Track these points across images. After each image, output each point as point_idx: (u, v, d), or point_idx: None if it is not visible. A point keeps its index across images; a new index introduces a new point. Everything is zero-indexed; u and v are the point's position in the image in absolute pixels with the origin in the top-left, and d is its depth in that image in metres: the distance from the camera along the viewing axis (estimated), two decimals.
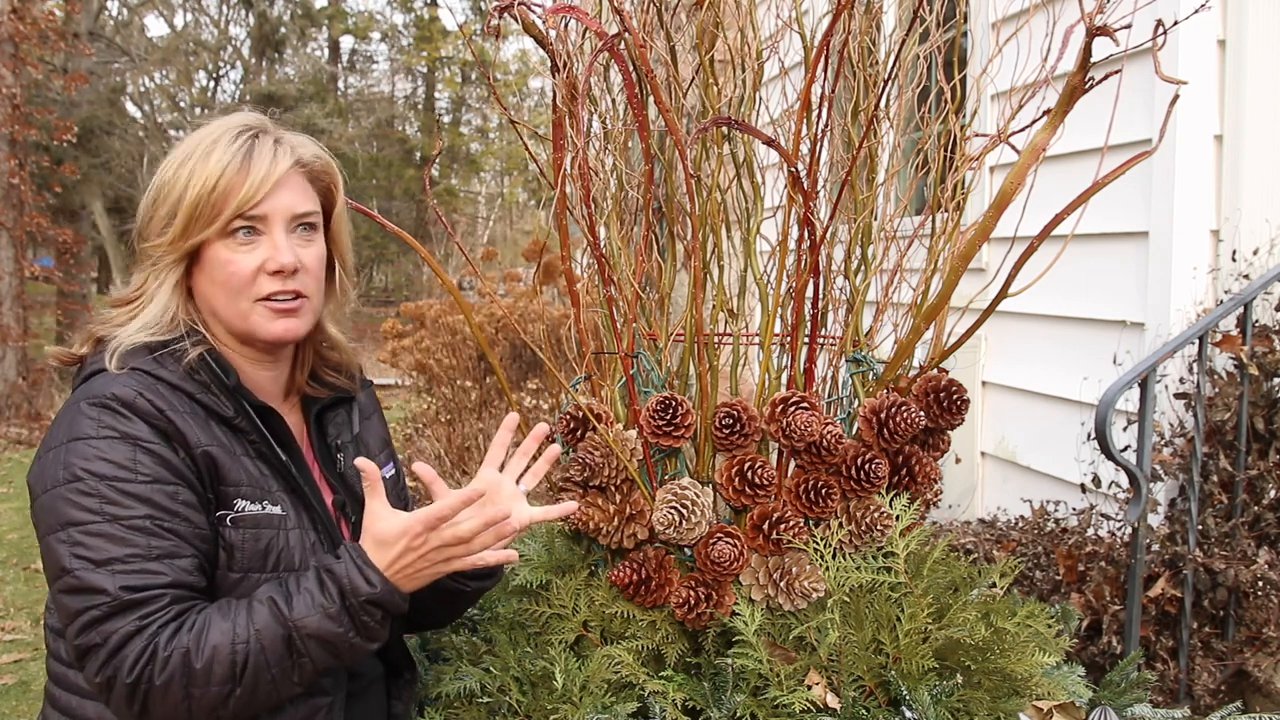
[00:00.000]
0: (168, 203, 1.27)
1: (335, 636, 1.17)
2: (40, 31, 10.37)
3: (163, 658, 1.11)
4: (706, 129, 1.44)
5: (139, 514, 1.14)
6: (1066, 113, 1.30)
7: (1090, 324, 3.15)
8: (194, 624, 1.14)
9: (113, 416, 1.17)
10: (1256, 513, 2.51)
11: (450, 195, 23.08)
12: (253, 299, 1.28)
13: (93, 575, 1.12)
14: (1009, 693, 1.41)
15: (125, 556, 1.13)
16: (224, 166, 1.25)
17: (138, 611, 1.12)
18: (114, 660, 1.11)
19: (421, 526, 1.19)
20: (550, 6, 1.41)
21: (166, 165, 1.30)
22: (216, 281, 1.28)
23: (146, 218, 1.30)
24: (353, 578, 1.18)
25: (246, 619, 1.16)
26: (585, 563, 1.56)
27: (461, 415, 6.06)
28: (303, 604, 1.17)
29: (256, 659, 1.14)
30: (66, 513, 1.14)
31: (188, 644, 1.12)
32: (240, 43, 24.21)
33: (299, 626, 1.16)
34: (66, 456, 1.16)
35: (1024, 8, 2.96)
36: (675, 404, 1.46)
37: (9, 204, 9.90)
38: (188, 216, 1.25)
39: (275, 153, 1.29)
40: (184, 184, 1.26)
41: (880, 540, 1.47)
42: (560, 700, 1.37)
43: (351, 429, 1.46)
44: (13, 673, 3.86)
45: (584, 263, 1.76)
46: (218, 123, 1.32)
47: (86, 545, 1.13)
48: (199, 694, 1.12)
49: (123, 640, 1.11)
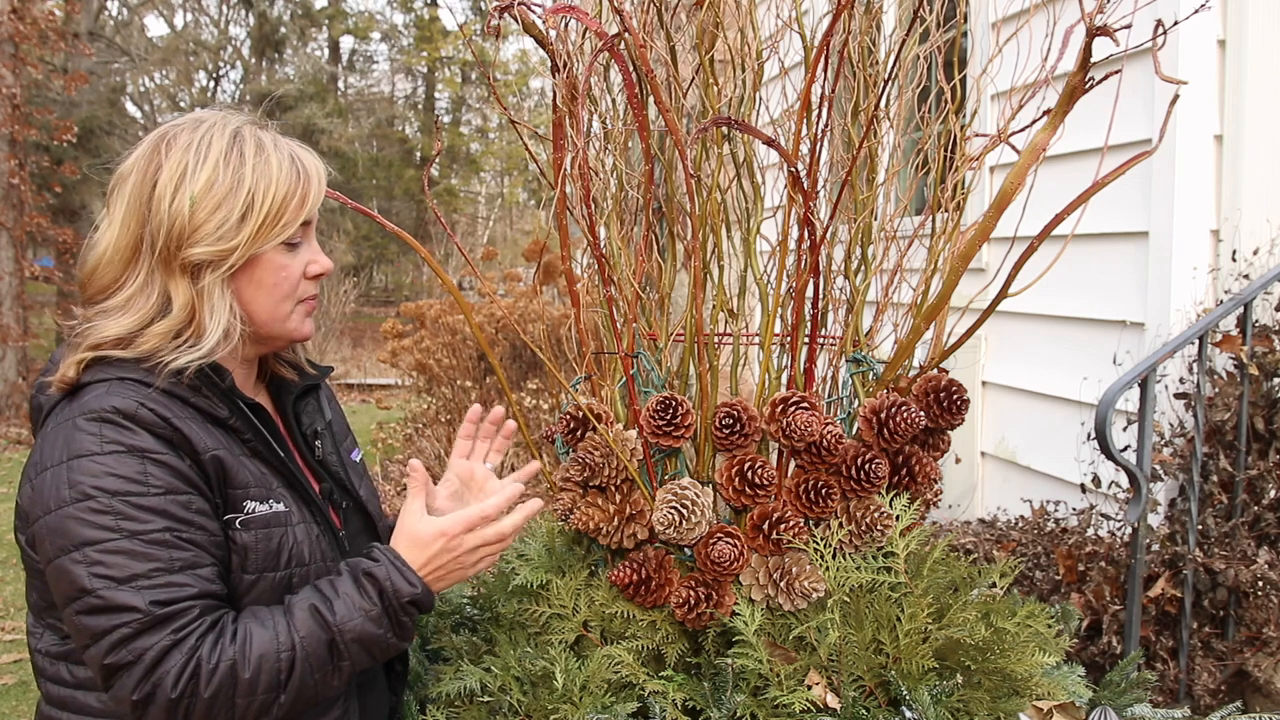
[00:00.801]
0: (231, 207, 1.21)
1: (376, 638, 1.20)
2: (40, 31, 10.37)
3: (208, 670, 1.10)
4: (706, 129, 1.44)
5: (156, 527, 1.12)
6: (1066, 113, 1.30)
7: (1090, 324, 3.15)
8: (236, 634, 1.14)
9: (115, 430, 1.14)
10: (1256, 513, 2.51)
11: (450, 195, 23.09)
12: (295, 301, 1.30)
13: (118, 593, 1.09)
14: (1009, 693, 1.41)
15: (149, 571, 1.11)
16: (286, 171, 1.25)
17: (170, 625, 1.10)
18: (152, 676, 1.09)
19: (462, 527, 1.26)
20: (550, 6, 1.41)
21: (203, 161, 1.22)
22: (264, 286, 1.27)
23: (192, 223, 1.20)
24: (394, 580, 1.22)
25: (288, 626, 1.16)
26: (585, 563, 1.56)
27: (461, 415, 6.06)
28: (344, 608, 1.19)
29: (302, 665, 1.15)
30: (80, 532, 1.11)
31: (233, 655, 1.12)
32: (240, 43, 24.22)
33: (342, 630, 1.18)
34: (71, 475, 1.12)
35: (1024, 8, 2.96)
36: (675, 404, 1.46)
37: (9, 204, 9.90)
38: (261, 223, 1.22)
39: (316, 159, 1.31)
40: (251, 186, 1.22)
41: (880, 540, 1.47)
42: (560, 700, 1.37)
43: (324, 416, 1.47)
44: (13, 673, 3.86)
45: (584, 263, 1.76)
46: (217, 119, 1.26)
47: (106, 564, 1.10)
48: (244, 704, 1.12)
49: (160, 655, 1.09)
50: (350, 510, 1.44)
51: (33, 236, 10.52)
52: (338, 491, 1.43)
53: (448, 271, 5.71)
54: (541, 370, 6.02)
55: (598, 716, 1.34)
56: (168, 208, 1.21)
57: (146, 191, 1.22)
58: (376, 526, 1.47)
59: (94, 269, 1.25)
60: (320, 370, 1.49)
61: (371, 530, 1.47)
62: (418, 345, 6.44)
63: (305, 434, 1.43)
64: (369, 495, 1.48)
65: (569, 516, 1.51)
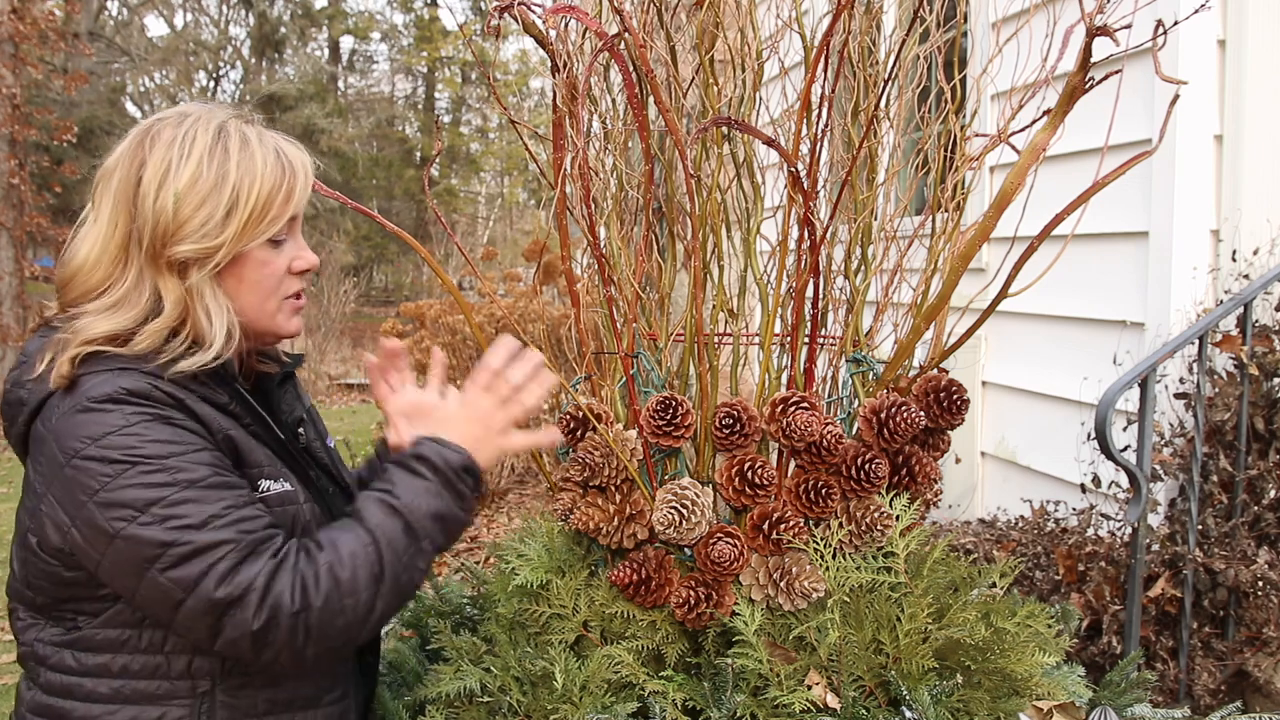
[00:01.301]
0: (215, 203, 1.19)
1: (444, 510, 1.24)
2: (40, 31, 10.37)
3: (312, 579, 1.13)
4: (706, 129, 1.44)
5: (209, 474, 1.14)
6: (1066, 113, 1.30)
7: (1090, 324, 3.15)
8: (321, 544, 1.17)
9: (134, 406, 1.14)
10: (1256, 513, 2.51)
11: (450, 195, 23.10)
12: (281, 298, 1.29)
13: (202, 535, 1.09)
14: (1009, 693, 1.41)
15: (222, 510, 1.12)
16: (270, 166, 1.23)
17: (267, 549, 1.12)
18: (269, 599, 1.10)
19: (477, 389, 1.32)
20: (550, 6, 1.41)
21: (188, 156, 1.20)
22: (249, 282, 1.25)
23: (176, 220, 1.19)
24: (441, 453, 1.26)
25: (362, 524, 1.19)
26: (585, 563, 1.56)
27: None
28: (405, 491, 1.22)
29: (388, 551, 1.18)
30: (138, 496, 1.10)
31: (329, 559, 1.14)
32: (240, 43, 24.23)
33: (412, 510, 1.21)
34: (104, 453, 1.11)
35: (1024, 8, 2.96)
36: (675, 404, 1.46)
37: (9, 204, 9.90)
38: (247, 220, 1.20)
39: (300, 151, 1.29)
40: (235, 182, 1.20)
41: (880, 540, 1.47)
42: (560, 700, 1.37)
43: (304, 403, 1.47)
44: (12, 673, 3.86)
45: (584, 263, 1.76)
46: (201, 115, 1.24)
47: (179, 515, 1.10)
48: (352, 602, 1.14)
49: (269, 577, 1.10)
50: (335, 495, 1.45)
51: (33, 236, 10.53)
52: (323, 477, 1.44)
53: (448, 271, 5.71)
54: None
55: (598, 716, 1.34)
56: (152, 204, 1.19)
57: (131, 188, 1.20)
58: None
59: (79, 268, 1.21)
60: (292, 359, 1.49)
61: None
62: (418, 345, 6.44)
63: (288, 422, 1.43)
64: (351, 481, 1.50)
65: (569, 516, 1.51)
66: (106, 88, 18.75)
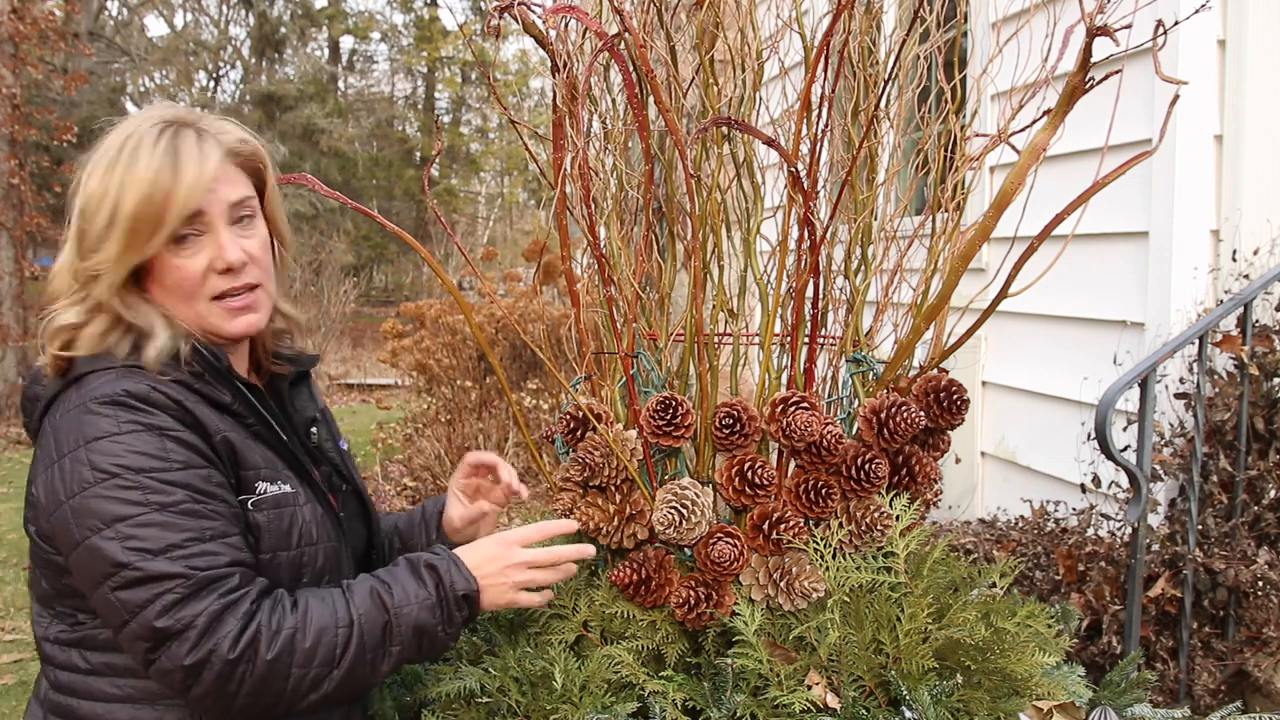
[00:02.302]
0: (101, 217, 1.20)
1: (428, 628, 1.23)
2: (40, 31, 10.37)
3: (269, 634, 1.12)
4: (706, 129, 1.44)
5: (183, 498, 1.13)
6: (1066, 113, 1.30)
7: (1090, 324, 3.15)
8: (295, 604, 1.16)
9: (131, 411, 1.15)
10: (1256, 513, 2.51)
11: (450, 195, 23.10)
12: (207, 298, 1.26)
13: (155, 563, 1.10)
14: (1009, 693, 1.41)
15: (182, 541, 1.12)
16: (155, 172, 1.19)
17: (216, 590, 1.11)
18: (208, 640, 1.09)
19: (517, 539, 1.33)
20: (550, 6, 1.41)
21: (90, 173, 1.22)
22: (168, 288, 1.25)
23: (82, 231, 1.22)
24: (452, 573, 1.26)
25: (348, 604, 1.19)
26: (585, 563, 1.56)
27: (461, 415, 6.07)
28: (401, 593, 1.22)
29: (357, 643, 1.17)
30: (109, 509, 1.11)
31: (295, 623, 1.14)
32: (240, 43, 24.22)
33: (399, 614, 1.21)
34: (91, 457, 1.13)
35: (1024, 8, 2.96)
36: (675, 404, 1.46)
37: (9, 204, 9.90)
38: (129, 231, 1.19)
39: (202, 149, 1.23)
40: (115, 196, 1.19)
41: (880, 540, 1.47)
42: (560, 700, 1.37)
43: (317, 403, 1.48)
44: (13, 672, 3.86)
45: (584, 263, 1.76)
46: (133, 120, 1.25)
47: (140, 537, 1.10)
48: (299, 674, 1.13)
49: (213, 619, 1.10)
50: (347, 494, 1.46)
51: (33, 236, 10.52)
52: (335, 476, 1.45)
53: (448, 271, 5.72)
54: (541, 370, 6.02)
55: (598, 716, 1.34)
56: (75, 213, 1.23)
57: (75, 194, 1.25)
58: (370, 512, 1.50)
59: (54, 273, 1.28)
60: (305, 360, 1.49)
61: (366, 515, 1.50)
62: (418, 345, 6.44)
63: (300, 422, 1.44)
64: (361, 484, 1.52)
65: (569, 516, 1.51)
66: (106, 88, 18.74)
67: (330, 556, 1.33)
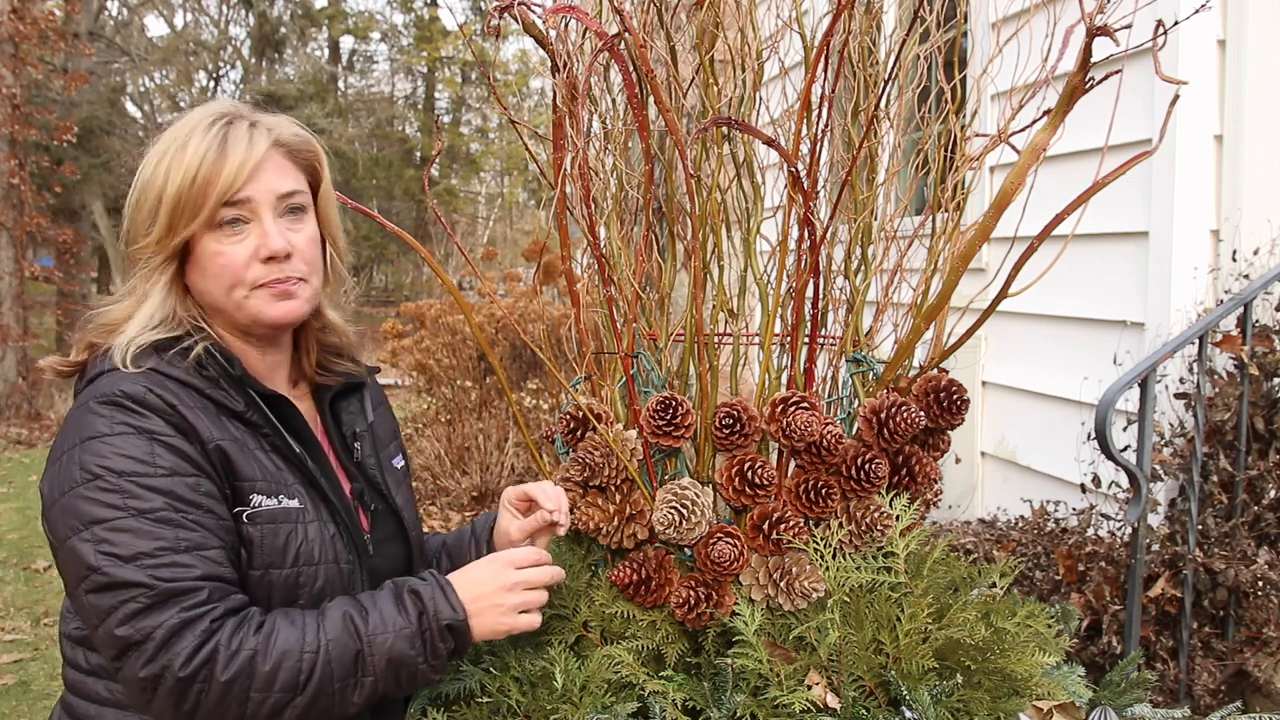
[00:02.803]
0: (149, 202, 1.23)
1: (407, 659, 1.18)
2: (40, 31, 10.37)
3: (227, 654, 1.09)
4: (706, 129, 1.44)
5: (161, 505, 1.12)
6: (1066, 113, 1.30)
7: (1090, 324, 3.15)
8: (261, 626, 1.13)
9: (125, 413, 1.15)
10: (1256, 513, 2.51)
11: (450, 195, 23.10)
12: (250, 286, 1.26)
13: (121, 570, 1.09)
14: (1009, 693, 1.41)
15: (154, 550, 1.10)
16: (201, 156, 1.21)
17: (179, 604, 1.09)
18: (164, 655, 1.08)
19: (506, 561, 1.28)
20: (550, 6, 1.41)
21: (145, 164, 1.26)
22: (209, 275, 1.25)
23: (131, 220, 1.27)
24: (437, 600, 1.21)
25: (317, 628, 1.15)
26: (585, 563, 1.56)
27: (461, 415, 6.07)
28: (378, 620, 1.18)
29: (323, 670, 1.13)
30: (88, 511, 1.11)
31: (255, 645, 1.11)
32: (240, 43, 24.23)
33: (372, 643, 1.16)
34: (81, 456, 1.13)
35: (1024, 8, 2.96)
36: (675, 404, 1.46)
37: (9, 204, 9.90)
38: (171, 212, 1.22)
39: (251, 135, 1.25)
40: (163, 180, 1.22)
41: (880, 540, 1.47)
42: (560, 700, 1.37)
43: (365, 417, 1.45)
44: (13, 672, 3.86)
45: (584, 263, 1.76)
46: (192, 114, 1.28)
47: (112, 542, 1.10)
48: (258, 699, 1.10)
49: (171, 633, 1.08)
50: (381, 514, 1.41)
51: (33, 236, 10.53)
52: (370, 494, 1.40)
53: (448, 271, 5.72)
54: (541, 370, 6.02)
55: (598, 716, 1.34)
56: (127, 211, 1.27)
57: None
58: (409, 534, 1.45)
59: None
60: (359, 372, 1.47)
61: (403, 537, 1.44)
62: (418, 345, 6.44)
63: (344, 434, 1.41)
64: (405, 502, 1.45)
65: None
66: (106, 88, 18.74)
67: (334, 579, 1.27)
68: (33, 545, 5.67)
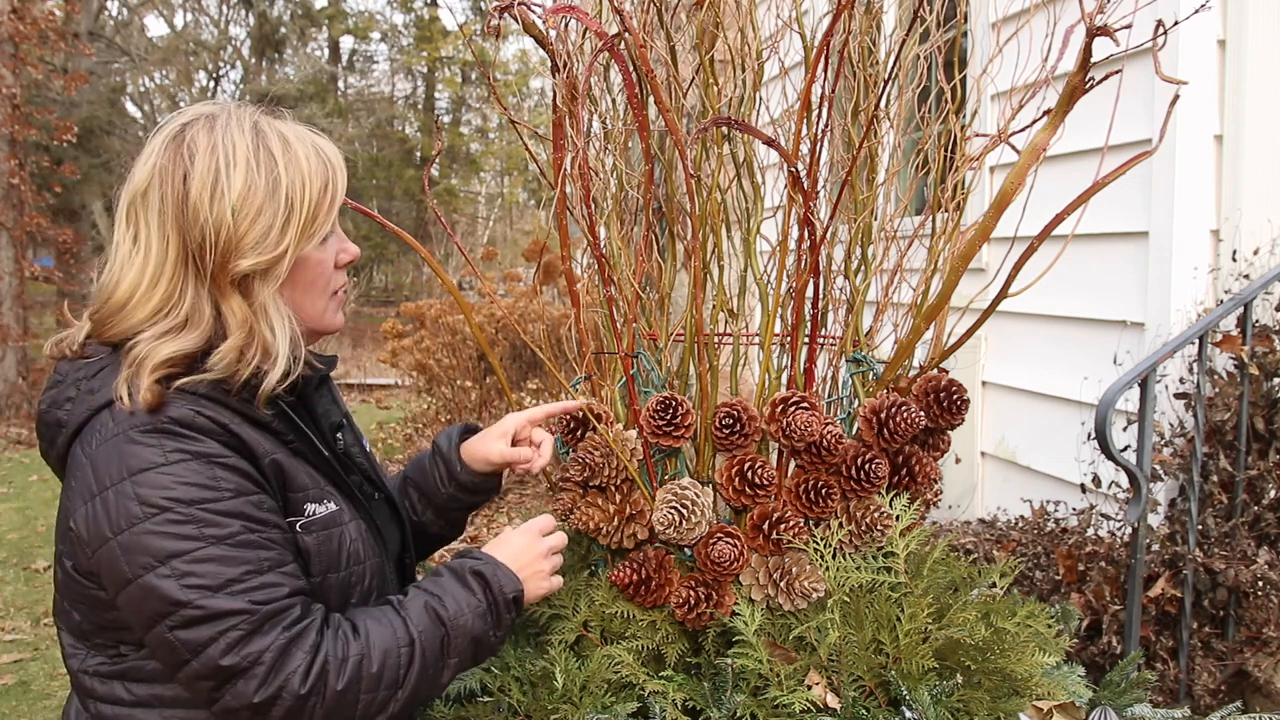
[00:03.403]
0: (271, 212, 1.14)
1: (483, 634, 1.23)
2: (40, 31, 10.37)
3: (337, 663, 1.10)
4: (706, 129, 1.44)
5: (238, 529, 1.09)
6: (1066, 113, 1.30)
7: (1090, 324, 3.15)
8: (354, 630, 1.14)
9: (175, 439, 1.10)
10: (1256, 513, 2.51)
11: (450, 195, 23.10)
12: (329, 295, 1.25)
13: (215, 600, 1.06)
14: (1009, 693, 1.41)
15: (241, 575, 1.08)
16: (325, 161, 1.19)
17: (280, 624, 1.08)
18: (277, 676, 1.06)
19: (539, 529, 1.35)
20: (550, 6, 1.41)
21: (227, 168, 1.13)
22: (304, 285, 1.21)
23: (236, 233, 1.12)
24: (500, 577, 1.26)
25: (404, 622, 1.18)
26: (585, 563, 1.56)
27: (461, 415, 6.07)
28: (454, 604, 1.22)
29: (420, 660, 1.16)
30: (161, 546, 1.06)
31: (360, 648, 1.12)
32: (240, 43, 24.23)
33: (455, 625, 1.20)
34: (139, 490, 1.07)
35: (1024, 8, 2.96)
36: (675, 404, 1.46)
37: (9, 204, 9.90)
38: (305, 222, 1.16)
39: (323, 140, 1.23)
40: (286, 188, 1.14)
41: (880, 540, 1.47)
42: (560, 700, 1.37)
43: (340, 407, 1.42)
44: (13, 672, 3.86)
45: (584, 263, 1.76)
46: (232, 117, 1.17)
47: (198, 573, 1.06)
48: (369, 699, 1.12)
49: (280, 653, 1.07)
50: (379, 502, 1.42)
51: (33, 236, 10.52)
52: (365, 483, 1.40)
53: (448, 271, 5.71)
54: (541, 370, 6.02)
55: (598, 716, 1.34)
56: (208, 219, 1.12)
57: (178, 204, 1.13)
58: (401, 516, 1.46)
59: (129, 298, 1.14)
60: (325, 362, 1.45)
61: (398, 520, 1.45)
62: (418, 345, 6.44)
63: (327, 427, 1.39)
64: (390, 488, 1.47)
65: (569, 516, 1.51)
66: (106, 88, 18.75)
67: (375, 573, 1.29)
68: (33, 545, 5.67)
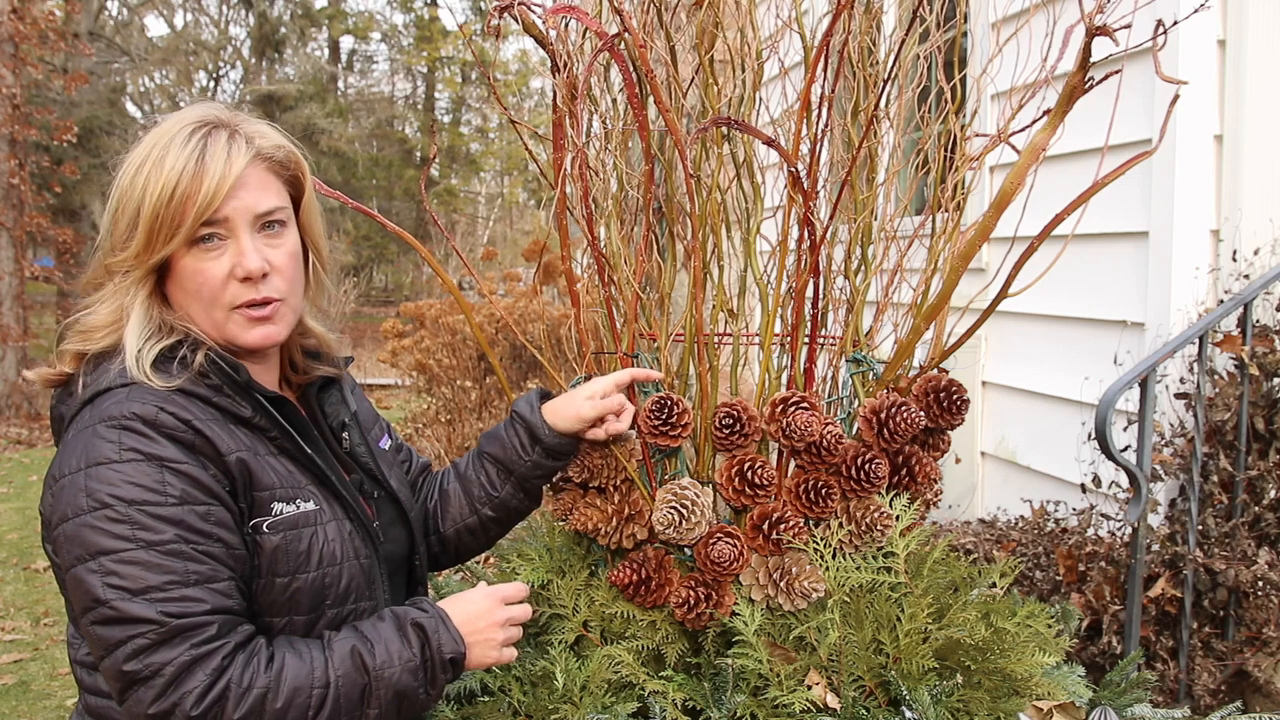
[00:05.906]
0: (127, 214, 1.20)
1: (410, 691, 1.18)
2: (40, 31, 10.38)
3: (238, 692, 1.08)
4: (706, 129, 1.44)
5: (171, 537, 1.10)
6: (1066, 113, 1.30)
7: (1090, 324, 3.15)
8: (271, 660, 1.12)
9: (135, 437, 1.12)
10: (1256, 513, 2.51)
11: (450, 195, 23.11)
12: (227, 308, 1.23)
13: (131, 605, 1.07)
14: (1009, 693, 1.41)
15: (163, 584, 1.08)
16: (179, 172, 1.17)
17: (189, 640, 1.08)
18: (174, 692, 1.06)
19: (499, 598, 1.29)
20: (550, 6, 1.41)
21: (124, 171, 1.22)
22: (189, 292, 1.23)
23: (108, 230, 1.23)
24: (440, 634, 1.21)
25: (326, 663, 1.15)
26: (585, 563, 1.56)
27: (461, 415, 6.07)
28: (384, 653, 1.18)
29: (333, 706, 1.13)
30: (96, 541, 1.08)
31: (267, 682, 1.10)
32: (240, 43, 24.24)
33: (379, 677, 1.16)
34: (89, 483, 1.10)
35: (1024, 8, 2.96)
36: (672, 404, 1.46)
37: (9, 204, 9.90)
38: (149, 229, 1.18)
39: (230, 149, 1.20)
40: (140, 193, 1.18)
41: (880, 540, 1.47)
42: (560, 700, 1.37)
43: (349, 406, 1.43)
44: (13, 673, 3.86)
45: (584, 263, 1.76)
46: (173, 119, 1.24)
47: (121, 574, 1.08)
48: None
49: (181, 670, 1.07)
50: (382, 500, 1.41)
51: (33, 236, 10.53)
52: (368, 482, 1.39)
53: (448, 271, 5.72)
54: (541, 370, 6.02)
55: (598, 716, 1.34)
56: (107, 218, 1.24)
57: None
58: (408, 516, 1.44)
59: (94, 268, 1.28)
60: (335, 363, 1.45)
61: (404, 520, 1.43)
62: (418, 345, 6.44)
63: (331, 426, 1.40)
64: (399, 484, 1.45)
65: (569, 516, 1.51)
66: (106, 88, 18.75)
67: (356, 575, 1.28)
68: (33, 545, 5.67)
